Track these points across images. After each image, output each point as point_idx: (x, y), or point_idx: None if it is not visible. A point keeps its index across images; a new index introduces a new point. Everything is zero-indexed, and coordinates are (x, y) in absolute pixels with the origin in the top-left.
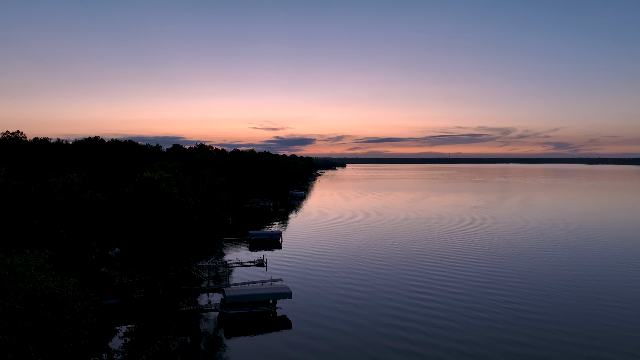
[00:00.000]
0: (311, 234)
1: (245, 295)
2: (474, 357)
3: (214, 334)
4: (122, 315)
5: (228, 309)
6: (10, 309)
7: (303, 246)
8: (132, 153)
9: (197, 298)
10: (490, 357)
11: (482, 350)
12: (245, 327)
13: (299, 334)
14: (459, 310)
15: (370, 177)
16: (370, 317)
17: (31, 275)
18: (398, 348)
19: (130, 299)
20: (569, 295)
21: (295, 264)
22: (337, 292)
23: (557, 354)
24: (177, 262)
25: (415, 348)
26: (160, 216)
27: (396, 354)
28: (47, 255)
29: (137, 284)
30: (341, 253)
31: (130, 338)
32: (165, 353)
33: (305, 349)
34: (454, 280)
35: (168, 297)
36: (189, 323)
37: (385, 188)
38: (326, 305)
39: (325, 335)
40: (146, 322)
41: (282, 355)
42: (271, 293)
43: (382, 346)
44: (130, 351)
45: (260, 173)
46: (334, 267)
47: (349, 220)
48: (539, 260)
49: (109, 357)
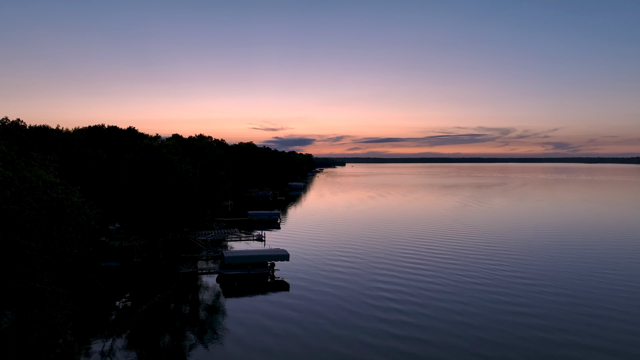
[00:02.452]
0: (309, 217)
1: (243, 256)
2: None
3: (212, 293)
4: (122, 276)
5: (226, 269)
6: (16, 212)
7: (301, 225)
8: (132, 140)
9: (196, 263)
10: (480, 315)
11: (472, 309)
12: (244, 287)
13: (295, 295)
14: (448, 276)
15: (370, 173)
16: (361, 283)
17: (38, 183)
18: (383, 307)
19: (131, 262)
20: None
21: (293, 240)
22: (333, 261)
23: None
24: (177, 226)
25: (399, 306)
26: (160, 180)
27: (382, 311)
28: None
29: (137, 249)
30: (338, 231)
31: (129, 293)
32: (164, 306)
33: (301, 309)
34: (443, 252)
35: (168, 262)
36: (188, 283)
37: (384, 181)
38: (322, 270)
39: (320, 297)
40: (146, 281)
41: (279, 315)
42: (269, 255)
43: (368, 305)
44: (130, 302)
45: (260, 164)
46: (331, 242)
47: (346, 206)
48: (531, 238)
49: (109, 299)
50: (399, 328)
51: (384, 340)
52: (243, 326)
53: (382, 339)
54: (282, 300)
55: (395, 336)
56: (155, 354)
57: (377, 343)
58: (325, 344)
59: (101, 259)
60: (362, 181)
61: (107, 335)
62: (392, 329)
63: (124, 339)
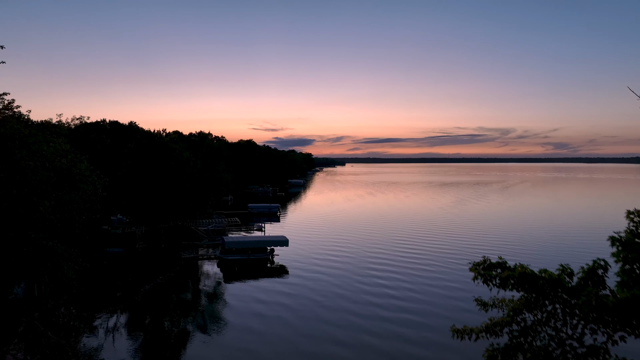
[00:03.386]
0: (308, 210)
1: (243, 241)
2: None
3: (212, 276)
4: (125, 261)
5: (227, 254)
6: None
7: (300, 218)
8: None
9: (197, 250)
10: None
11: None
12: (243, 271)
13: (293, 279)
14: (442, 263)
15: (369, 172)
16: (356, 271)
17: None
18: (376, 292)
19: (133, 248)
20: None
21: (293, 230)
22: (331, 250)
23: None
24: (179, 213)
25: (392, 292)
26: (163, 167)
27: (374, 297)
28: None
29: (139, 236)
30: (336, 223)
31: (133, 275)
32: (166, 286)
33: (298, 291)
34: (437, 241)
35: (169, 248)
36: (189, 267)
37: (383, 179)
38: (320, 257)
39: (318, 281)
40: (149, 265)
41: (277, 294)
42: (269, 240)
43: (360, 291)
44: (134, 282)
45: (259, 161)
46: (329, 233)
47: (344, 200)
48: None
49: (113, 279)
50: (390, 310)
51: (375, 321)
52: (242, 302)
53: (373, 320)
54: (281, 283)
55: (386, 319)
56: (158, 328)
57: (368, 324)
58: (316, 323)
59: (106, 245)
60: (362, 179)
61: (111, 311)
62: (383, 311)
63: (128, 315)
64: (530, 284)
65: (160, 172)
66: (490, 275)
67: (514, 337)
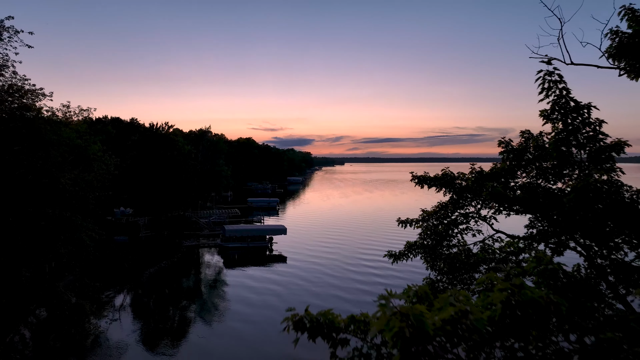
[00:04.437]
0: (306, 205)
1: (243, 230)
2: None
3: (213, 261)
4: (129, 248)
5: (227, 242)
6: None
7: (298, 212)
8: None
9: (198, 239)
10: None
11: None
12: (243, 258)
13: (292, 266)
14: None
15: (368, 171)
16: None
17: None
18: (367, 281)
19: (137, 237)
20: None
21: (291, 223)
22: (327, 241)
23: None
24: (181, 203)
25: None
26: (165, 158)
27: (366, 285)
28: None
29: (143, 226)
30: (333, 217)
31: (138, 260)
32: (169, 270)
33: (297, 278)
34: None
35: (171, 237)
36: (191, 254)
37: (381, 177)
38: (317, 246)
39: (314, 268)
40: (152, 252)
41: (276, 283)
42: (267, 229)
43: (351, 280)
44: (139, 266)
45: (258, 158)
46: (327, 227)
47: (341, 196)
48: None
49: (119, 263)
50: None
51: (358, 295)
52: (240, 287)
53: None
54: (279, 269)
55: (369, 292)
56: (161, 306)
57: (351, 297)
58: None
59: (112, 234)
60: (360, 177)
61: (118, 291)
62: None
63: (133, 294)
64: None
65: (163, 163)
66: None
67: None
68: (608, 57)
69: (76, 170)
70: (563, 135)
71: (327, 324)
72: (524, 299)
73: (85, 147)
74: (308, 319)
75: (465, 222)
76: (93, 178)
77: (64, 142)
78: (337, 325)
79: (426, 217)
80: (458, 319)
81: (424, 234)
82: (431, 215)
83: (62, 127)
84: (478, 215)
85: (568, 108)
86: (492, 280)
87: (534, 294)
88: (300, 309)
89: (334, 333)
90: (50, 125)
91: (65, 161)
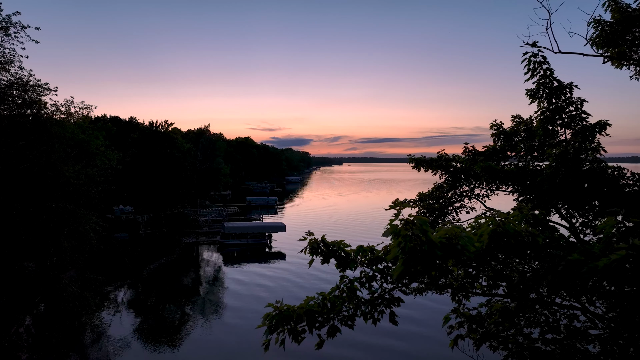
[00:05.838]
0: (304, 204)
1: (242, 227)
2: None
3: (213, 258)
4: (130, 245)
5: (226, 239)
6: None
7: (296, 210)
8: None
9: (197, 236)
10: None
11: None
12: (242, 255)
13: (291, 262)
14: None
15: (366, 170)
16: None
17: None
18: None
19: (137, 234)
20: None
21: (289, 221)
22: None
23: None
24: (181, 201)
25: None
26: (165, 155)
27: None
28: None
29: (142, 223)
30: (331, 214)
31: (138, 256)
32: (169, 266)
33: (296, 273)
34: None
35: (171, 234)
36: (191, 250)
37: (378, 177)
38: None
39: (313, 264)
40: (153, 248)
41: (274, 279)
42: (267, 226)
43: None
44: (139, 262)
45: (257, 158)
46: (325, 223)
47: (337, 195)
48: None
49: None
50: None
51: None
52: (240, 283)
53: None
54: (278, 266)
55: None
56: (161, 302)
57: None
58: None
59: (112, 231)
60: (358, 177)
61: (119, 286)
62: None
63: (134, 290)
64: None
65: (163, 161)
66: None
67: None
68: (592, 45)
69: (79, 165)
70: (548, 115)
71: (339, 249)
72: (509, 229)
73: (89, 141)
74: (323, 244)
75: (460, 200)
76: (96, 172)
77: (68, 137)
78: (347, 252)
79: (423, 198)
80: (452, 236)
81: (420, 212)
82: (427, 197)
83: (66, 122)
84: (472, 194)
85: (552, 87)
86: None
87: (516, 227)
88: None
89: (343, 254)
90: (54, 120)
91: (69, 156)
